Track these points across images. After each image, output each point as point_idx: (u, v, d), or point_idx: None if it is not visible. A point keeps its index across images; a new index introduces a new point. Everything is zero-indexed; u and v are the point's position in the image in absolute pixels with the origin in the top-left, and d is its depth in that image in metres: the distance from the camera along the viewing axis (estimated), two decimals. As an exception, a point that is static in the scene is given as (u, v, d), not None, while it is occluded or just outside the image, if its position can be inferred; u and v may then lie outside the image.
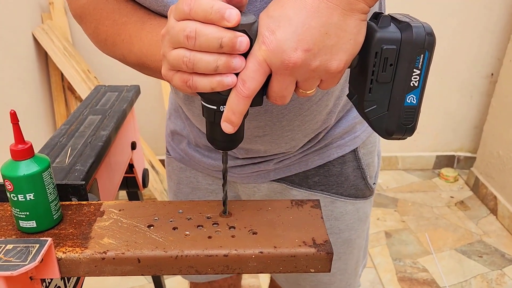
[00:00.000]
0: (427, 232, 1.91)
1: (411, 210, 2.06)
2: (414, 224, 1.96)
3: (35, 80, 1.75)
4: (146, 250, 0.47)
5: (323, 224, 0.51)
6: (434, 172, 2.37)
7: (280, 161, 0.72)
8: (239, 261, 0.47)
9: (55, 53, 1.71)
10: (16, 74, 1.62)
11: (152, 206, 0.54)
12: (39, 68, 1.78)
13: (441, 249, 1.82)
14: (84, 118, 0.84)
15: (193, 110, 0.67)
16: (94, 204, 0.54)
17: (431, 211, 2.06)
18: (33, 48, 1.73)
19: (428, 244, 1.84)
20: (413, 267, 1.73)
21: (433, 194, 2.19)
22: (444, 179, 2.29)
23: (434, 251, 1.80)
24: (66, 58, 1.72)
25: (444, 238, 1.88)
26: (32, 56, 1.73)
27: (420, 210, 2.06)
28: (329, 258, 0.48)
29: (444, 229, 1.94)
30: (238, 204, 0.55)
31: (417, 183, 2.27)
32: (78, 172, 0.65)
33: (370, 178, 0.77)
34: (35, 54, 1.74)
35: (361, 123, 0.73)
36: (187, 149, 0.78)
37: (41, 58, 1.80)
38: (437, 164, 2.38)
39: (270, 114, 0.62)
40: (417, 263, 1.75)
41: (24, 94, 1.67)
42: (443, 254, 1.79)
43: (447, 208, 2.08)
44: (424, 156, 2.36)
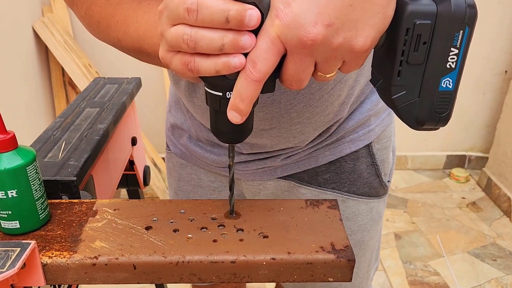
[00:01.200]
0: (438, 234, 1.85)
1: (421, 211, 2.00)
2: (425, 225, 1.90)
3: (35, 75, 1.70)
4: (143, 255, 0.41)
5: (342, 227, 0.46)
6: (445, 172, 2.31)
7: (288, 157, 0.66)
8: (248, 268, 0.42)
9: (56, 47, 1.66)
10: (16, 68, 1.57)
11: (151, 205, 0.49)
12: (39, 63, 1.73)
13: (453, 252, 1.75)
14: (80, 111, 0.78)
15: (194, 102, 0.62)
16: (87, 203, 0.49)
17: (442, 212, 1.99)
18: (33, 42, 1.69)
19: (440, 247, 1.78)
20: (424, 270, 1.67)
21: (443, 194, 2.13)
22: (455, 179, 2.23)
23: (446, 254, 1.74)
24: (67, 52, 1.67)
25: (456, 241, 1.81)
26: (32, 50, 1.68)
27: (430, 211, 2.00)
28: (351, 265, 0.42)
29: (456, 231, 1.87)
30: (246, 203, 0.49)
31: (427, 183, 2.21)
32: (72, 168, 0.60)
33: (384, 176, 0.72)
34: (35, 48, 1.70)
35: (376, 116, 0.68)
36: (188, 143, 0.73)
37: (42, 52, 1.75)
38: (447, 164, 2.31)
39: (277, 104, 0.57)
40: (428, 266, 1.68)
41: (24, 89, 1.62)
42: (455, 257, 1.73)
43: (458, 209, 2.02)
44: (435, 155, 2.30)
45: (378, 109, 0.67)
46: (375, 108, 0.67)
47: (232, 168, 0.44)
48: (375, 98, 0.66)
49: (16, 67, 1.58)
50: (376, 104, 0.66)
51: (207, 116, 0.62)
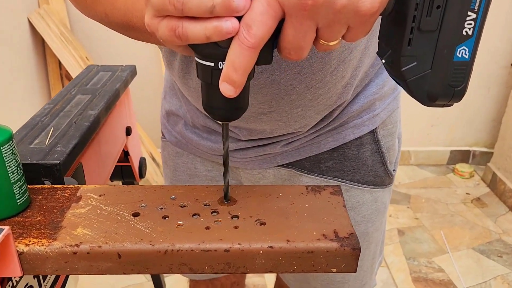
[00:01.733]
0: (443, 230, 1.81)
1: (424, 206, 1.96)
2: (429, 221, 1.86)
3: (31, 68, 1.67)
4: (129, 243, 0.38)
5: (346, 214, 0.42)
6: (448, 168, 2.27)
7: (288, 143, 0.63)
8: (244, 257, 0.38)
9: (52, 39, 1.63)
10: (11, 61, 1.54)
11: (139, 191, 0.45)
12: (35, 55, 1.69)
13: (457, 248, 1.72)
14: (71, 98, 0.75)
15: (188, 84, 0.58)
16: (70, 189, 0.45)
17: (446, 208, 1.96)
18: (29, 34, 1.65)
19: (444, 243, 1.74)
20: (428, 266, 1.63)
21: (447, 190, 2.09)
22: (459, 174, 2.19)
23: (450, 250, 1.70)
24: (63, 44, 1.64)
25: (460, 237, 1.78)
26: (28, 42, 1.65)
27: (434, 207, 1.96)
28: (355, 255, 0.38)
29: (460, 227, 1.83)
30: (242, 189, 0.46)
31: (430, 178, 2.17)
32: (58, 154, 0.56)
33: (390, 164, 0.68)
34: (31, 40, 1.66)
35: (381, 100, 0.64)
36: (184, 131, 0.69)
37: (38, 45, 1.72)
38: (451, 159, 2.27)
39: (277, 85, 0.53)
40: (432, 263, 1.65)
41: (20, 83, 1.59)
42: (460, 254, 1.69)
43: (463, 205, 1.98)
44: (438, 150, 2.26)
45: (383, 92, 0.64)
46: (381, 92, 0.63)
47: (226, 145, 0.41)
48: (381, 81, 0.63)
49: (11, 59, 1.54)
50: (381, 87, 0.63)
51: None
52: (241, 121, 0.59)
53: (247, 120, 0.59)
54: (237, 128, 0.62)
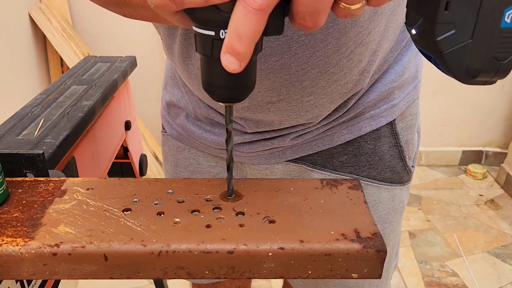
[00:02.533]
0: (456, 233, 1.74)
1: (436, 208, 1.90)
2: (441, 223, 1.80)
3: (32, 64, 1.63)
4: (117, 243, 0.33)
5: (368, 211, 0.37)
6: (460, 169, 2.20)
7: (298, 136, 0.57)
8: (250, 260, 0.33)
9: (54, 35, 1.59)
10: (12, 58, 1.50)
11: (132, 184, 0.40)
12: (36, 51, 1.66)
13: (471, 252, 1.65)
14: (66, 88, 0.70)
15: (189, 70, 0.53)
16: (55, 182, 0.40)
17: (459, 210, 1.89)
18: (30, 30, 1.61)
19: (457, 246, 1.67)
20: (441, 270, 1.56)
21: (460, 191, 2.02)
22: (471, 176, 2.12)
23: (464, 254, 1.64)
24: (65, 40, 1.59)
25: (474, 240, 1.71)
26: (28, 38, 1.61)
27: (446, 209, 1.89)
28: (380, 258, 0.33)
29: (474, 229, 1.77)
30: (248, 183, 0.40)
31: (442, 179, 2.10)
32: (47, 146, 0.52)
33: (409, 159, 0.63)
34: (32, 36, 1.62)
35: (400, 89, 0.58)
36: (185, 123, 0.64)
37: (39, 41, 1.68)
38: (463, 160, 2.20)
39: (287, 70, 0.48)
40: (445, 267, 1.58)
41: (21, 79, 1.55)
42: (474, 257, 1.62)
43: (476, 207, 1.91)
44: (450, 151, 2.19)
45: (403, 80, 0.58)
46: (400, 80, 0.58)
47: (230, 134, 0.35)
48: (400, 67, 0.57)
49: (12, 55, 1.50)
50: (400, 74, 0.57)
51: None
52: (247, 111, 0.54)
53: (253, 110, 0.54)
54: (242, 120, 0.57)
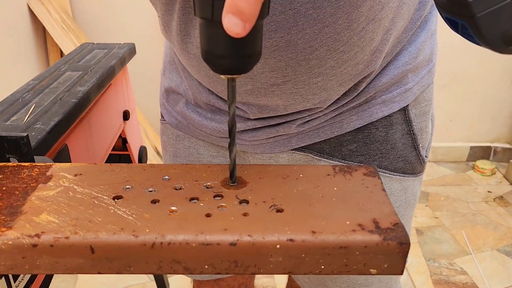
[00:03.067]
0: (464, 230, 1.70)
1: (444, 205, 1.85)
2: (449, 220, 1.76)
3: (31, 56, 1.60)
4: (105, 234, 0.29)
5: (387, 199, 0.33)
6: (468, 165, 2.15)
7: (305, 122, 0.54)
8: (255, 253, 0.29)
9: (53, 27, 1.55)
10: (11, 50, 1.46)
11: (125, 170, 0.36)
12: (35, 43, 1.62)
13: (480, 249, 1.61)
14: (60, 74, 0.66)
15: (188, 50, 0.49)
16: (40, 167, 0.36)
17: (467, 206, 1.84)
18: (29, 21, 1.58)
19: (466, 243, 1.63)
20: (450, 268, 1.52)
21: (468, 188, 1.97)
22: (479, 172, 2.07)
23: (473, 251, 1.59)
24: (64, 32, 1.56)
25: (483, 237, 1.67)
26: (27, 29, 1.57)
27: (454, 205, 1.85)
28: (403, 251, 0.29)
29: (483, 226, 1.72)
30: (253, 169, 0.37)
31: (449, 176, 2.06)
32: (36, 132, 0.48)
33: (422, 148, 0.59)
34: (31, 27, 1.59)
35: (414, 72, 0.54)
36: (185, 110, 0.60)
37: (39, 33, 1.64)
38: (471, 156, 2.16)
39: (293, 48, 0.44)
40: (454, 264, 1.54)
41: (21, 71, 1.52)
42: (483, 255, 1.58)
43: (484, 203, 1.87)
44: (457, 146, 2.14)
45: (417, 63, 0.54)
46: (414, 62, 0.54)
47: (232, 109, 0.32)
48: (414, 49, 0.53)
49: (11, 48, 1.47)
50: (415, 56, 0.53)
51: (204, 69, 0.50)
52: (250, 95, 0.50)
53: (256, 94, 0.50)
54: (245, 105, 0.53)
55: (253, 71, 0.47)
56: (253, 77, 0.48)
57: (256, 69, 0.47)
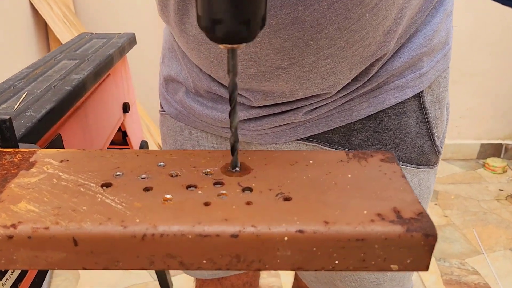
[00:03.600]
0: (475, 229, 1.65)
1: (454, 203, 1.81)
2: (459, 219, 1.71)
3: (33, 52, 1.57)
4: (90, 224, 0.26)
5: (409, 187, 0.29)
6: (479, 163, 2.10)
7: (312, 110, 0.50)
8: (260, 247, 0.25)
9: (55, 22, 1.53)
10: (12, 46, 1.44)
11: (116, 156, 0.33)
12: (37, 39, 1.60)
13: (493, 249, 1.56)
14: (55, 63, 0.63)
15: (187, 31, 0.46)
16: (23, 153, 0.33)
17: (478, 205, 1.80)
18: (30, 16, 1.55)
19: (477, 243, 1.58)
20: (461, 268, 1.48)
21: (478, 186, 1.93)
22: (490, 170, 2.02)
23: (485, 251, 1.55)
24: (66, 27, 1.53)
25: (496, 236, 1.62)
26: (29, 25, 1.55)
27: (465, 204, 1.80)
28: (429, 244, 0.26)
29: (495, 225, 1.68)
30: (258, 155, 0.33)
31: (459, 174, 2.01)
32: (26, 119, 0.45)
33: (437, 138, 0.55)
34: (32, 23, 1.57)
35: (429, 56, 0.51)
36: (185, 99, 0.57)
37: (40, 28, 1.62)
38: (481, 154, 2.11)
39: (300, 26, 0.41)
40: (465, 264, 1.49)
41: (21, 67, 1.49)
42: (496, 254, 1.53)
43: (496, 202, 1.82)
44: (467, 144, 2.09)
45: (432, 46, 0.50)
46: (429, 45, 0.50)
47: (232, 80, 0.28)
48: (429, 31, 0.50)
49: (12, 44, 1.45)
50: (430, 39, 0.50)
51: (205, 52, 0.47)
52: (253, 80, 0.47)
53: (260, 78, 0.46)
54: (248, 91, 0.49)
55: (257, 53, 0.44)
56: (256, 60, 0.45)
57: (260, 51, 0.44)
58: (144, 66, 1.64)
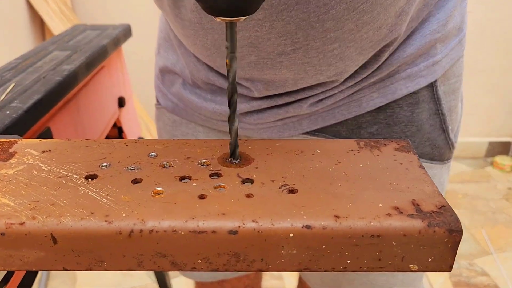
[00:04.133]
0: (484, 229, 1.62)
1: (462, 203, 1.77)
2: (468, 219, 1.67)
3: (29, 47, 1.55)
4: (70, 219, 0.23)
5: (428, 178, 0.26)
6: (487, 161, 2.06)
7: (318, 101, 0.47)
8: (262, 244, 0.22)
9: (52, 18, 1.50)
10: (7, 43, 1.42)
11: (104, 146, 0.30)
12: (33, 36, 1.57)
13: (502, 249, 1.52)
14: (46, 54, 0.60)
15: (182, 16, 0.43)
16: (2, 143, 0.30)
17: (487, 204, 1.76)
18: (26, 12, 1.53)
19: (486, 243, 1.55)
20: (470, 269, 1.44)
21: (487, 185, 1.89)
22: (499, 168, 1.98)
23: (495, 251, 1.51)
24: (63, 23, 1.51)
25: (505, 236, 1.58)
26: (25, 22, 1.53)
27: (473, 203, 1.76)
28: (453, 241, 0.22)
29: (504, 225, 1.64)
30: (259, 145, 0.30)
31: (467, 172, 1.97)
32: (12, 110, 0.42)
33: (451, 131, 0.52)
34: (28, 19, 1.54)
35: (443, 42, 0.48)
36: (182, 91, 0.54)
37: (36, 24, 1.59)
38: (489, 152, 2.07)
39: (305, 6, 0.38)
40: (474, 265, 1.46)
41: (18, 65, 1.47)
42: (505, 255, 1.49)
43: (505, 201, 1.78)
44: (475, 142, 2.05)
45: (446, 32, 0.47)
46: (443, 30, 0.47)
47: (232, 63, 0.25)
48: (443, 15, 0.47)
49: (7, 40, 1.42)
50: (444, 24, 0.47)
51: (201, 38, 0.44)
52: (254, 67, 0.44)
53: (262, 66, 0.43)
54: (248, 81, 0.46)
55: (258, 37, 0.41)
56: (257, 45, 0.42)
57: (261, 35, 0.41)
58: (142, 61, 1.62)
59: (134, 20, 1.70)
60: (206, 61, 0.47)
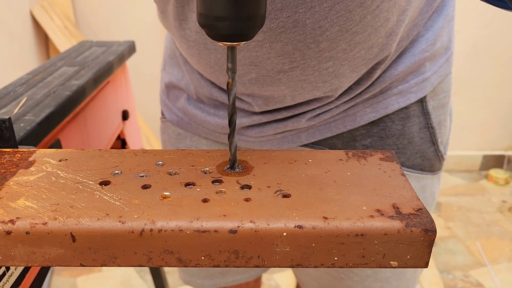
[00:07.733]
0: (479, 241, 1.64)
1: (457, 215, 1.79)
2: (462, 231, 1.69)
3: (33, 63, 1.59)
4: (88, 220, 0.25)
5: (408, 184, 0.29)
6: (481, 174, 2.09)
7: (315, 116, 0.50)
8: (258, 242, 0.25)
9: (55, 34, 1.54)
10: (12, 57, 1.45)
11: (114, 156, 0.33)
12: (37, 50, 1.61)
13: (497, 261, 1.54)
14: (55, 69, 0.64)
15: (187, 36, 0.46)
16: (22, 153, 0.33)
17: (481, 217, 1.78)
18: (31, 28, 1.57)
19: (481, 255, 1.57)
20: (465, 281, 1.46)
21: (481, 198, 1.91)
22: (493, 181, 2.01)
23: (489, 263, 1.53)
24: (67, 38, 1.55)
25: (499, 248, 1.60)
26: (30, 36, 1.57)
27: (468, 216, 1.79)
28: (429, 239, 0.25)
29: (498, 237, 1.66)
30: (257, 155, 0.33)
31: (462, 185, 2.00)
32: (26, 123, 0.45)
33: (441, 144, 0.55)
34: (33, 34, 1.58)
35: (432, 60, 0.51)
36: (187, 106, 0.57)
37: (41, 40, 1.63)
38: (484, 165, 2.10)
39: (301, 29, 0.41)
40: (469, 276, 1.48)
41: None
42: (500, 267, 1.51)
43: (499, 213, 1.80)
44: (469, 155, 2.09)
45: (434, 51, 0.51)
46: (432, 49, 0.50)
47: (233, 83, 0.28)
48: (431, 35, 0.50)
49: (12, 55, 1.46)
50: (432, 43, 0.50)
51: (205, 57, 0.47)
52: (254, 84, 0.47)
53: (262, 83, 0.46)
54: (249, 96, 0.49)
55: (258, 57, 0.44)
56: (257, 64, 0.45)
57: (261, 55, 0.44)
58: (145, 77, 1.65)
59: (137, 36, 1.74)
60: (210, 78, 0.50)
